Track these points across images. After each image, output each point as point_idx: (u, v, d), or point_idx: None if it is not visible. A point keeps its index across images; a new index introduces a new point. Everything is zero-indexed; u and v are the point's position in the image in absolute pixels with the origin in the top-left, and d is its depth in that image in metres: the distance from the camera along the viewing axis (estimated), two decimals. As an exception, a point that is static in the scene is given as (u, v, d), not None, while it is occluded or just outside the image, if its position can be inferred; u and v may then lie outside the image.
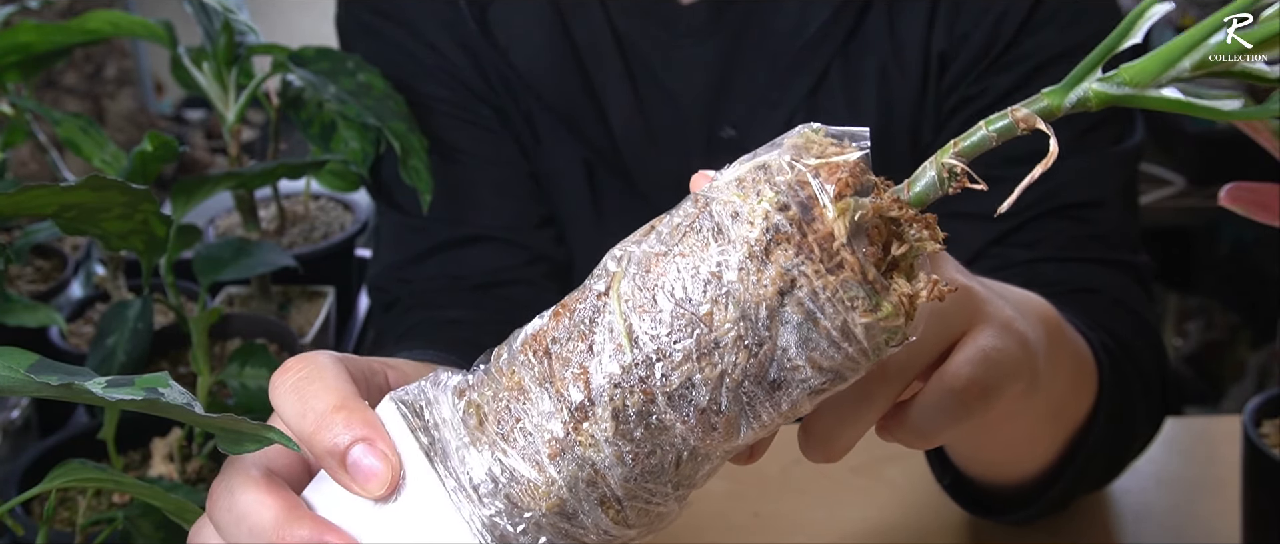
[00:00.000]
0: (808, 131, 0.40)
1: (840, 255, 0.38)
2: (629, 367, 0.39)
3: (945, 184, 0.40)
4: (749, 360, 0.38)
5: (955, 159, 0.40)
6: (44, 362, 0.40)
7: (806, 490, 0.80)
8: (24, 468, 0.75)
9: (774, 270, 0.38)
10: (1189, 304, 2.16)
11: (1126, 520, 0.78)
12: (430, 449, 0.41)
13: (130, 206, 0.58)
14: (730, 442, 0.40)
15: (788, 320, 0.38)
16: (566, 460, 0.39)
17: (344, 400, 0.43)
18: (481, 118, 0.88)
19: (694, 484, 0.42)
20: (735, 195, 0.39)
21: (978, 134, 0.40)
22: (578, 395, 0.39)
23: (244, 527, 0.43)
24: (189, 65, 0.90)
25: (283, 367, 0.45)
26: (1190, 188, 2.01)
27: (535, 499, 0.40)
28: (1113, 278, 0.80)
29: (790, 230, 0.38)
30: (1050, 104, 0.40)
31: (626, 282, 0.39)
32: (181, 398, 0.40)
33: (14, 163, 1.65)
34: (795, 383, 0.39)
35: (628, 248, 0.40)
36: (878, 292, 0.38)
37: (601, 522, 0.40)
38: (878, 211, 0.39)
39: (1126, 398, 0.72)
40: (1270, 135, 0.60)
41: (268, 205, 1.19)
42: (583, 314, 0.40)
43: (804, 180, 0.38)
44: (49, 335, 0.96)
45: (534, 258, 0.88)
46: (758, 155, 0.40)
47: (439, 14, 0.87)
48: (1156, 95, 0.39)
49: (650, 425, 0.39)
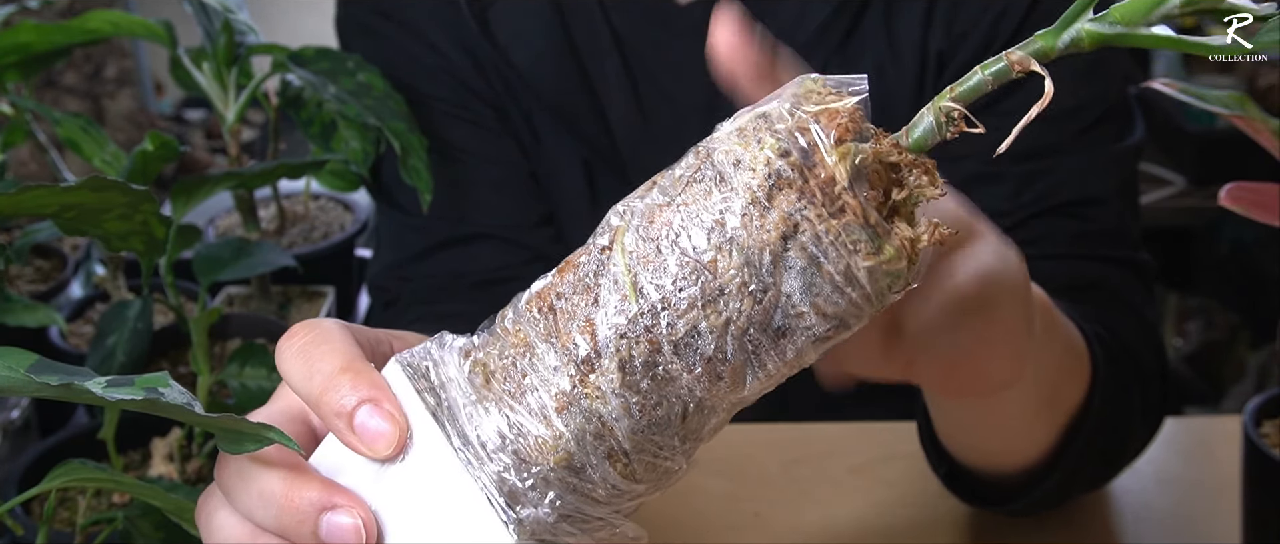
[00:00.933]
0: (807, 81, 0.40)
1: (842, 199, 0.38)
2: (634, 317, 0.39)
3: (943, 129, 0.40)
4: (754, 307, 0.38)
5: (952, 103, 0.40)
6: (44, 362, 0.40)
7: (806, 490, 0.80)
8: (24, 468, 0.75)
9: (777, 215, 0.38)
10: (1189, 304, 2.16)
11: (1126, 520, 0.78)
12: (437, 409, 0.42)
13: (130, 207, 0.58)
14: (736, 392, 0.40)
15: (791, 266, 0.38)
16: (573, 414, 0.40)
17: (350, 362, 0.43)
18: (481, 117, 0.88)
19: (701, 438, 0.42)
20: (736, 144, 0.39)
21: (974, 78, 0.40)
22: (584, 348, 0.39)
23: (253, 491, 0.43)
24: (189, 65, 0.90)
25: (289, 332, 0.45)
26: (1190, 188, 2.01)
27: (543, 454, 0.40)
28: (1113, 276, 0.80)
29: (792, 176, 0.38)
30: (1043, 46, 0.40)
31: (630, 234, 0.40)
32: (181, 398, 0.40)
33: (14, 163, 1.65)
34: (800, 330, 0.39)
35: (630, 203, 0.41)
36: (880, 235, 0.39)
37: (609, 476, 0.40)
38: (878, 156, 0.39)
39: (1122, 390, 0.72)
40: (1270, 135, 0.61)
41: (268, 205, 1.19)
42: (587, 268, 0.40)
43: (804, 126, 0.38)
44: (49, 335, 0.96)
45: (533, 256, 0.88)
46: (758, 106, 0.40)
47: (439, 14, 0.87)
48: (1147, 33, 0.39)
49: (657, 376, 0.39)
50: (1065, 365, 0.66)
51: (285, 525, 0.42)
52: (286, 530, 0.42)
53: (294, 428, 0.46)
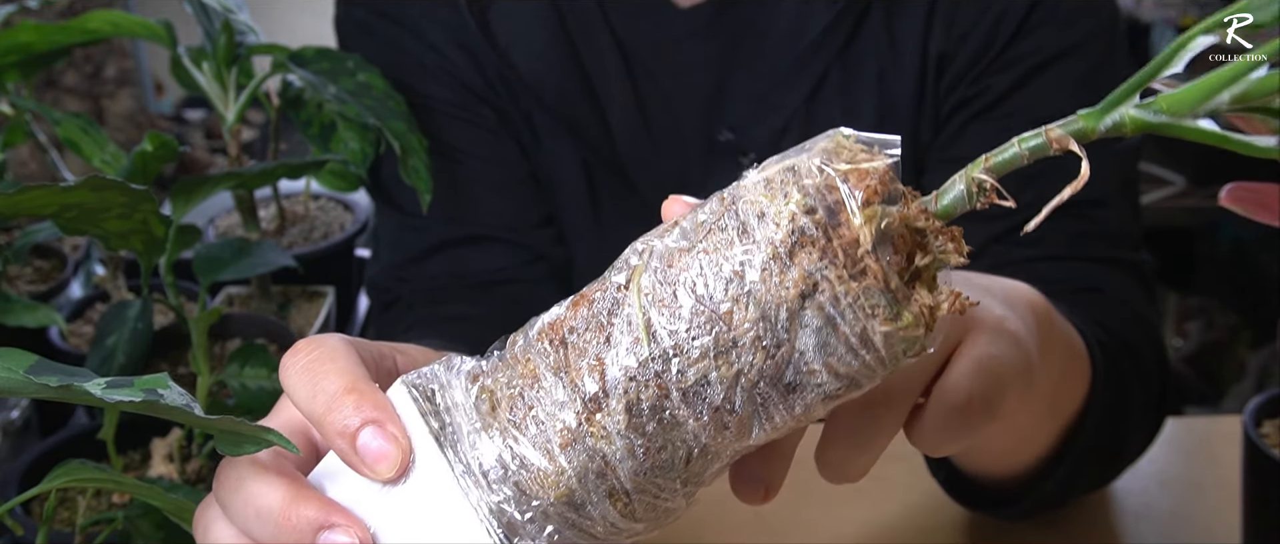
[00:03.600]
0: (839, 136, 0.39)
1: (864, 262, 0.38)
2: (645, 360, 0.39)
3: (974, 198, 0.40)
4: (766, 361, 0.38)
5: (985, 174, 0.40)
6: (43, 362, 0.40)
7: (806, 490, 0.80)
8: (24, 468, 0.75)
9: (797, 273, 0.38)
10: (1189, 304, 2.16)
11: (1126, 520, 0.78)
12: (440, 434, 0.41)
13: (130, 207, 0.58)
14: (741, 441, 0.40)
15: (807, 324, 0.38)
16: (577, 451, 0.39)
17: (355, 382, 0.43)
18: (481, 118, 0.88)
19: (702, 482, 0.42)
20: (762, 196, 0.39)
21: (1010, 151, 0.40)
22: (592, 386, 0.39)
23: (251, 508, 0.43)
24: (189, 65, 0.90)
25: (293, 348, 0.45)
26: (1190, 188, 2.02)
27: (544, 488, 0.40)
28: (1114, 276, 0.80)
29: (816, 234, 0.38)
30: (1085, 126, 0.40)
31: (648, 275, 0.39)
32: (181, 399, 0.40)
33: (14, 163, 1.65)
34: (810, 387, 0.39)
35: (650, 242, 0.40)
36: (899, 301, 0.38)
37: (609, 514, 0.40)
38: (905, 221, 0.39)
39: (1123, 392, 0.72)
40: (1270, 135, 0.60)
41: (268, 205, 1.19)
42: (602, 305, 0.40)
43: (832, 185, 0.38)
44: (49, 335, 0.96)
45: (534, 257, 0.88)
46: (786, 157, 0.39)
47: (439, 14, 0.87)
48: (1193, 126, 0.38)
49: (663, 420, 0.39)
50: (1066, 372, 0.66)
51: (282, 542, 0.42)
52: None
53: (295, 442, 0.46)
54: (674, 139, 0.87)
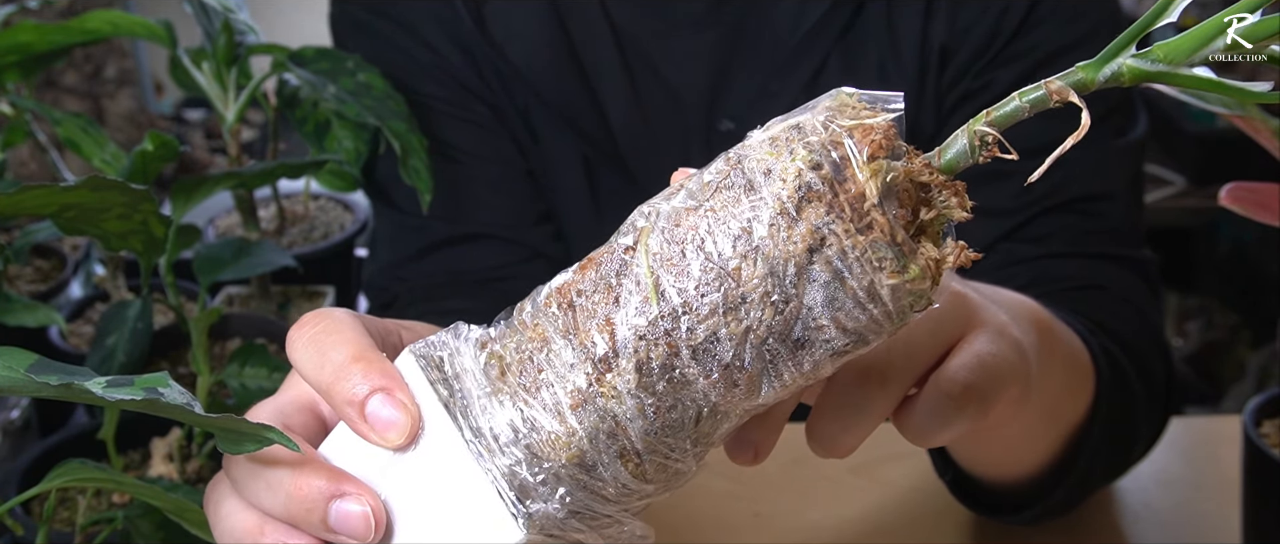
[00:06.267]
0: (842, 94, 0.40)
1: (871, 216, 0.38)
2: (655, 319, 0.39)
3: (976, 152, 0.40)
4: (775, 317, 0.38)
5: (987, 127, 0.40)
6: (43, 361, 0.40)
7: (806, 490, 0.80)
8: (24, 468, 0.75)
9: (804, 228, 0.38)
10: (1189, 304, 2.16)
11: (1126, 520, 0.78)
12: (449, 400, 0.42)
13: (130, 207, 0.58)
14: (751, 400, 0.40)
15: (815, 278, 0.38)
16: (588, 412, 0.40)
17: (362, 351, 0.43)
18: (478, 115, 0.88)
19: (712, 442, 0.42)
20: (768, 153, 0.39)
21: (1011, 104, 0.40)
22: (602, 347, 0.39)
23: (261, 481, 0.43)
24: (189, 65, 0.90)
25: (299, 321, 0.45)
26: (1190, 188, 2.01)
27: (555, 450, 0.40)
28: (1119, 275, 0.80)
29: (822, 189, 0.38)
30: (1084, 77, 0.40)
31: (655, 236, 0.40)
32: (181, 398, 0.40)
33: (14, 163, 1.65)
34: (819, 343, 0.39)
35: (656, 204, 0.41)
36: (906, 254, 0.39)
37: (620, 475, 0.41)
38: (909, 175, 0.39)
39: (1127, 400, 0.72)
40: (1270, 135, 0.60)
41: (267, 205, 1.19)
42: (609, 267, 0.40)
43: (838, 141, 0.38)
44: (49, 335, 0.96)
45: (532, 255, 0.88)
46: (791, 116, 0.40)
47: (434, 11, 0.86)
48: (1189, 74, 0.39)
49: (673, 379, 0.39)
50: (1067, 385, 0.66)
51: (294, 513, 0.42)
52: (295, 518, 0.42)
53: (303, 417, 0.46)
54: (674, 130, 0.87)
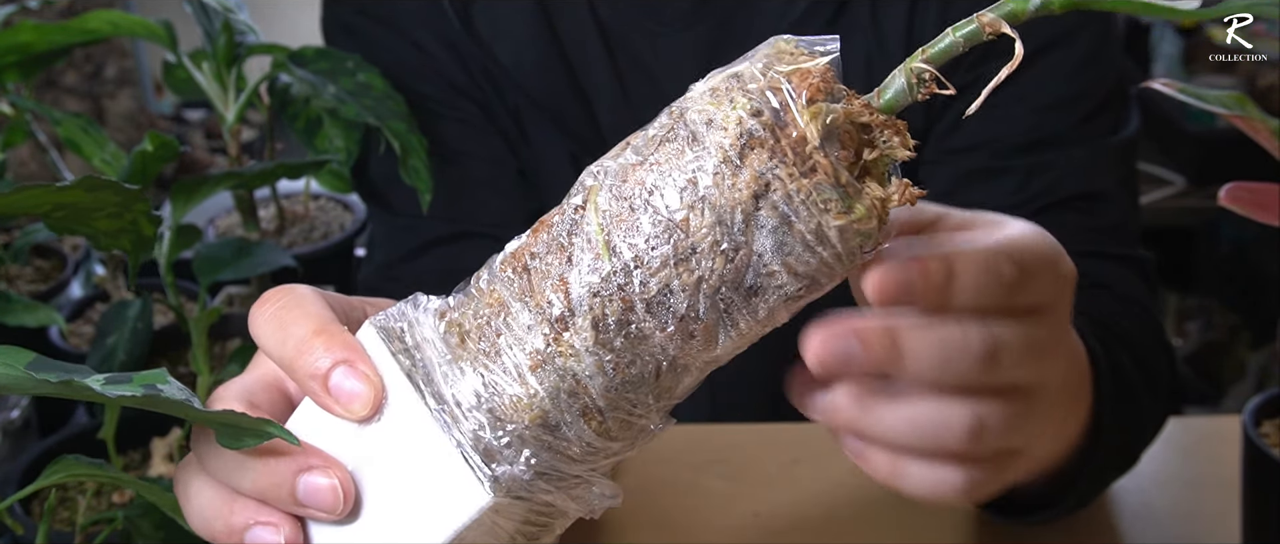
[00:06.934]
0: (779, 42, 0.40)
1: (813, 158, 0.38)
2: (608, 276, 0.39)
3: (914, 90, 0.41)
4: (726, 266, 0.39)
5: (924, 64, 0.40)
6: (42, 359, 0.40)
7: (806, 490, 0.80)
8: (24, 467, 0.75)
9: (748, 174, 0.38)
10: (1189, 304, 2.16)
11: (1126, 520, 0.78)
12: (412, 370, 0.42)
13: (122, 206, 0.58)
14: (709, 351, 0.41)
15: (763, 225, 0.39)
16: (547, 372, 0.40)
17: (323, 325, 0.43)
18: (467, 115, 0.88)
19: (675, 397, 0.42)
20: (709, 104, 0.40)
21: (945, 40, 0.41)
22: (558, 307, 0.40)
23: (228, 456, 0.43)
24: (189, 66, 0.90)
25: (261, 298, 0.45)
26: (1190, 188, 2.01)
27: (518, 412, 0.40)
28: (1120, 273, 0.80)
29: (764, 135, 0.38)
30: (1015, 8, 0.40)
31: (603, 193, 0.40)
32: (180, 394, 0.40)
33: (14, 163, 1.65)
34: (771, 289, 0.40)
35: (604, 163, 0.41)
36: (851, 195, 0.39)
37: (584, 433, 0.41)
38: (849, 116, 0.39)
39: (1132, 405, 0.72)
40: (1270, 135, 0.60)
41: (267, 205, 1.19)
42: (561, 228, 0.41)
43: (776, 86, 0.39)
44: (49, 335, 0.96)
45: None
46: (729, 67, 0.40)
47: (422, 11, 0.86)
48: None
49: (630, 334, 0.40)
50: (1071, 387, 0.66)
51: (262, 488, 0.43)
52: (264, 493, 0.43)
53: (269, 395, 0.46)
54: None
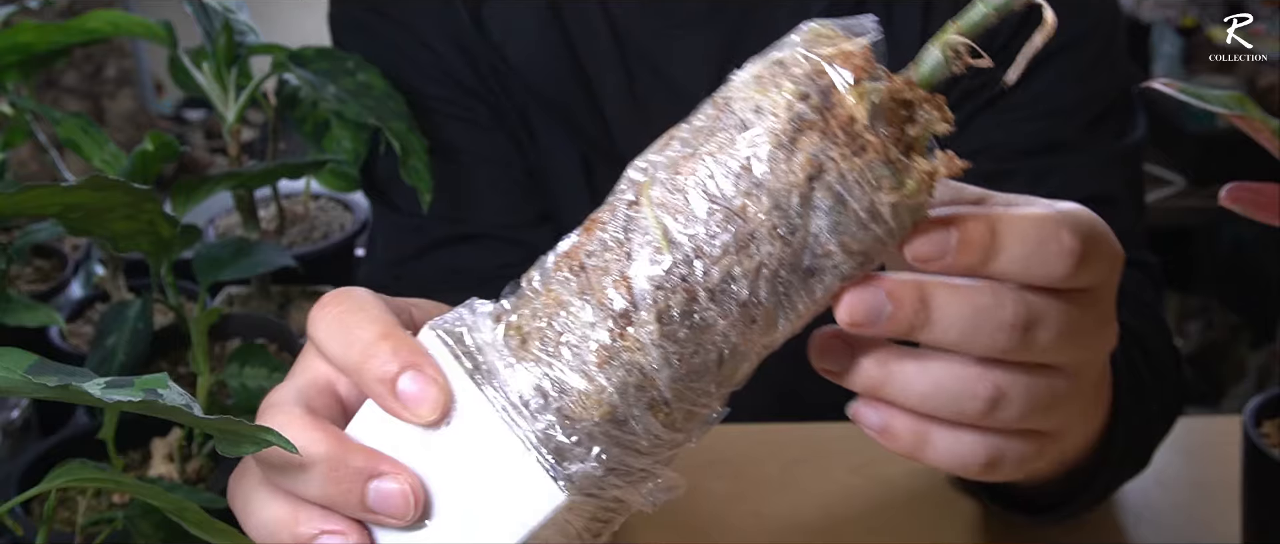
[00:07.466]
0: (814, 26, 0.41)
1: (863, 137, 0.39)
2: (670, 268, 0.40)
3: (949, 63, 0.41)
4: (784, 249, 0.39)
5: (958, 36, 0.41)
6: (42, 362, 0.40)
7: (806, 490, 0.80)
8: (24, 468, 0.75)
9: (802, 157, 0.39)
10: (1189, 304, 2.16)
11: (1127, 520, 0.78)
12: (475, 372, 0.42)
13: (134, 207, 0.58)
14: (768, 335, 0.41)
15: (818, 206, 0.39)
16: (615, 367, 0.40)
17: (388, 329, 0.43)
18: (476, 115, 0.88)
19: (733, 384, 0.43)
20: (754, 91, 0.40)
21: (977, 10, 0.41)
22: (620, 302, 0.40)
23: (295, 464, 0.42)
24: (189, 65, 0.90)
25: (321, 301, 0.45)
26: (1190, 188, 2.02)
27: (587, 408, 0.41)
28: (1128, 278, 0.80)
29: (814, 117, 0.39)
30: None
31: (656, 187, 0.41)
32: (180, 399, 0.40)
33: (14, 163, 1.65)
34: (828, 269, 0.40)
35: (650, 157, 0.42)
36: (900, 170, 0.40)
37: (652, 426, 0.41)
38: (892, 94, 0.40)
39: (1146, 410, 0.72)
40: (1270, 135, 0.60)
41: (267, 205, 1.19)
42: (615, 225, 0.41)
43: (820, 69, 0.40)
44: (49, 335, 0.96)
45: (531, 254, 0.87)
46: (769, 53, 0.41)
47: (433, 11, 0.86)
48: None
49: (694, 324, 0.40)
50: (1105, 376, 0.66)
51: (331, 496, 0.42)
52: (332, 501, 0.42)
53: (324, 399, 0.46)
54: None
